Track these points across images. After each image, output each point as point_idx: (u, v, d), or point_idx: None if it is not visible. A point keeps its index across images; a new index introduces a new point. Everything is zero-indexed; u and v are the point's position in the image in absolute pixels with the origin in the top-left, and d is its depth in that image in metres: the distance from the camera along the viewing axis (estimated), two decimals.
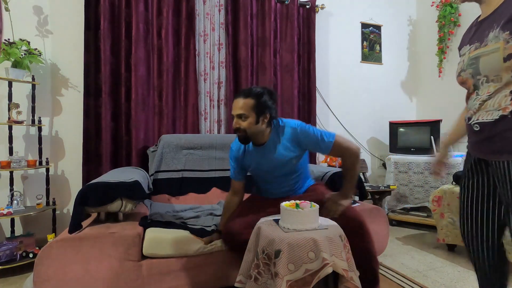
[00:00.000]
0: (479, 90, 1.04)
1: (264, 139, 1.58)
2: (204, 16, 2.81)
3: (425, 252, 2.39)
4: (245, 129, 1.51)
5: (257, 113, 1.49)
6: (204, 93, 2.79)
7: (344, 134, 3.37)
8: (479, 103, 1.03)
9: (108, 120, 2.46)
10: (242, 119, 1.50)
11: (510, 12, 0.96)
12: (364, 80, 3.54)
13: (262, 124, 1.52)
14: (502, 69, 0.95)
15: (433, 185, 2.84)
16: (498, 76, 0.97)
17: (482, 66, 1.00)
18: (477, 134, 1.06)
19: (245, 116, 1.49)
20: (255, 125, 1.51)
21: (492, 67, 0.98)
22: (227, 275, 1.64)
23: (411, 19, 3.77)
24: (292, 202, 1.42)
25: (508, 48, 0.92)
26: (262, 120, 1.52)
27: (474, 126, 1.05)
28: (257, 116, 1.50)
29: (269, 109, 1.52)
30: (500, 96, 0.97)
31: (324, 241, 1.26)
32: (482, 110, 1.02)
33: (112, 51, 2.49)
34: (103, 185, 1.55)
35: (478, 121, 1.03)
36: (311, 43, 3.12)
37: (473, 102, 1.05)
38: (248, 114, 1.49)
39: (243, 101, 1.50)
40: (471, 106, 1.07)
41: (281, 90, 3.01)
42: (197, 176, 2.39)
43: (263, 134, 1.56)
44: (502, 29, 0.96)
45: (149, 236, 1.58)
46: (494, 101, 0.99)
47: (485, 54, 0.99)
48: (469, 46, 1.10)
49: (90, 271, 1.46)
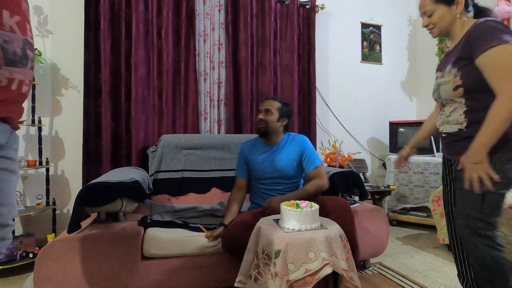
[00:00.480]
0: (445, 108, 1.37)
1: (276, 140, 1.89)
2: (204, 16, 2.81)
3: (425, 252, 2.39)
4: (267, 122, 1.82)
5: (280, 114, 1.85)
6: (204, 93, 2.79)
7: (344, 134, 3.39)
8: (445, 118, 1.36)
9: (108, 120, 2.46)
10: (268, 114, 1.83)
11: (459, 52, 1.26)
12: (364, 80, 3.54)
13: (280, 125, 1.86)
14: (453, 96, 1.29)
15: (433, 185, 2.84)
16: (452, 100, 1.31)
17: (441, 92, 1.34)
18: (444, 140, 1.40)
19: (271, 112, 1.83)
20: (276, 122, 1.84)
21: (447, 94, 1.31)
22: (227, 275, 1.64)
23: (411, 19, 3.77)
24: (292, 202, 1.42)
25: (455, 82, 1.25)
26: (282, 121, 1.86)
27: (442, 134, 1.39)
28: (279, 116, 1.84)
29: (288, 118, 1.89)
30: (457, 114, 1.30)
31: (324, 241, 1.26)
32: (446, 123, 1.35)
33: (112, 51, 2.50)
34: (103, 185, 1.55)
35: (444, 131, 1.37)
36: (311, 43, 3.12)
37: (441, 117, 1.39)
38: (274, 112, 1.84)
39: (273, 101, 1.88)
40: (439, 119, 1.40)
41: (281, 90, 3.01)
42: (197, 176, 2.39)
43: (277, 134, 1.88)
44: (453, 66, 1.27)
45: (149, 236, 1.58)
46: (453, 118, 1.31)
47: (442, 83, 1.33)
48: (437, 73, 1.42)
49: (90, 271, 1.46)
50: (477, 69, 1.19)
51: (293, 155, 1.85)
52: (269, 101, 1.88)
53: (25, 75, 0.88)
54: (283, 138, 1.89)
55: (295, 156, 1.85)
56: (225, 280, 1.65)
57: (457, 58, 1.25)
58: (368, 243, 1.98)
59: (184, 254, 1.61)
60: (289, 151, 1.85)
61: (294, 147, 1.86)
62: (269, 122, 1.82)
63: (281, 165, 1.82)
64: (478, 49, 1.16)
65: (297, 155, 1.85)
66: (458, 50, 1.27)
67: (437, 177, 2.83)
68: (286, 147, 1.86)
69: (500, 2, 2.78)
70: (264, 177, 1.85)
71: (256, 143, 1.94)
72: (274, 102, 1.86)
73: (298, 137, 1.91)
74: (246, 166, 1.92)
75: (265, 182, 1.86)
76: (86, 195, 1.50)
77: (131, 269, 1.51)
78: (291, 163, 1.84)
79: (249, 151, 1.92)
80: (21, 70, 0.86)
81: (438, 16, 1.32)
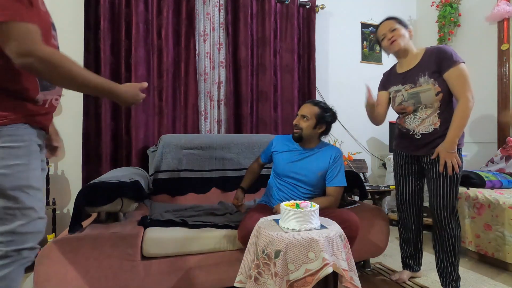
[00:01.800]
0: (418, 113, 1.69)
1: (311, 145, 1.83)
2: (204, 16, 2.81)
3: (425, 252, 2.38)
4: (302, 128, 1.76)
5: (317, 120, 1.76)
6: (204, 93, 2.79)
7: (344, 134, 3.39)
8: (420, 121, 1.68)
9: (108, 120, 2.46)
10: (304, 120, 1.77)
11: (433, 66, 1.62)
12: (364, 80, 3.53)
13: (317, 131, 1.79)
14: (434, 100, 1.63)
15: None
16: (432, 104, 1.64)
17: (423, 98, 1.65)
18: (418, 140, 1.70)
19: (307, 118, 1.76)
20: (312, 129, 1.77)
21: (429, 99, 1.64)
22: (227, 275, 1.64)
23: (411, 19, 3.77)
24: (292, 202, 1.42)
25: (436, 89, 1.62)
26: (318, 128, 1.78)
27: (416, 135, 1.70)
28: (316, 122, 1.76)
29: (327, 124, 1.80)
30: (432, 116, 1.65)
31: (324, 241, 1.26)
32: (421, 125, 1.68)
33: (112, 51, 2.50)
34: (103, 185, 1.55)
35: (420, 132, 1.69)
36: (311, 43, 3.12)
37: (413, 120, 1.71)
38: (310, 118, 1.76)
39: (311, 106, 1.79)
40: (410, 122, 1.72)
41: (281, 90, 3.01)
42: (197, 176, 2.39)
43: (313, 140, 1.82)
44: (429, 77, 1.63)
45: (149, 236, 1.58)
46: (429, 120, 1.65)
47: (422, 91, 1.65)
48: (402, 86, 1.75)
49: (90, 271, 1.46)
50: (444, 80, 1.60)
51: (321, 165, 1.78)
52: (307, 106, 1.79)
53: (55, 93, 1.10)
54: (317, 145, 1.83)
55: (323, 166, 1.78)
56: (225, 280, 1.64)
57: (432, 71, 1.62)
58: (368, 243, 1.98)
59: (184, 254, 1.61)
60: (318, 159, 1.79)
61: (325, 158, 1.79)
62: (304, 129, 1.76)
63: (306, 170, 1.78)
64: (448, 65, 1.57)
65: (325, 167, 1.78)
66: (426, 65, 1.65)
67: None
68: (317, 155, 1.80)
69: (500, 2, 2.78)
70: (285, 175, 1.82)
71: (290, 140, 1.89)
72: (312, 108, 1.77)
73: (333, 149, 1.83)
74: (269, 153, 1.94)
75: (285, 180, 1.82)
76: (86, 195, 1.50)
77: (131, 269, 1.51)
78: (316, 172, 1.78)
79: (281, 144, 1.89)
80: (52, 92, 1.07)
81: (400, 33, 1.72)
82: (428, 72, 1.63)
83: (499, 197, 2.05)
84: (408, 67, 1.75)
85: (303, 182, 1.80)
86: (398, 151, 1.88)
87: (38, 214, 1.02)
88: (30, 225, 0.99)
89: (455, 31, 3.27)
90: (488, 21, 2.94)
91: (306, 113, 1.77)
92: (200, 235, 1.65)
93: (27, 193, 0.97)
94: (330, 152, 1.81)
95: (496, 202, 2.05)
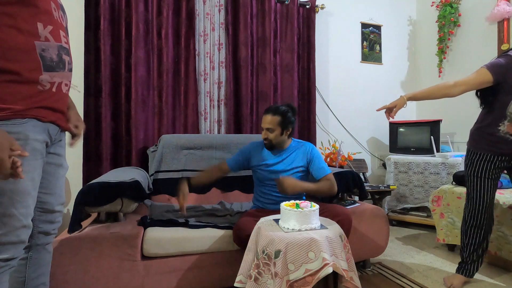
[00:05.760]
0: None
1: (284, 147, 1.89)
2: (204, 16, 2.81)
3: (425, 252, 2.39)
4: (271, 140, 1.82)
5: (282, 127, 1.81)
6: (204, 93, 2.79)
7: (344, 134, 3.39)
8: None
9: (108, 120, 2.46)
10: (270, 132, 1.81)
11: None
12: (364, 80, 3.54)
13: (285, 136, 1.84)
14: None
15: (433, 185, 2.83)
16: None
17: None
18: None
19: (272, 130, 1.80)
20: (280, 137, 1.83)
21: None
22: (227, 275, 1.64)
23: (411, 19, 3.77)
24: (292, 202, 1.43)
25: None
26: (286, 132, 1.84)
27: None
28: (281, 129, 1.81)
29: (292, 124, 1.84)
30: None
31: (324, 241, 1.26)
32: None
33: (112, 51, 2.49)
34: (103, 185, 1.55)
35: None
36: (311, 43, 3.12)
37: None
38: (274, 128, 1.80)
39: (271, 117, 1.80)
40: None
41: (281, 90, 3.01)
42: None
43: (285, 142, 1.88)
44: None
45: (149, 235, 1.58)
46: None
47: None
48: None
49: (90, 271, 1.46)
50: None
51: (299, 162, 1.86)
52: (267, 118, 1.81)
53: (63, 77, 1.01)
54: (291, 144, 1.91)
55: (301, 163, 1.86)
56: (225, 280, 1.65)
57: None
58: (368, 243, 1.98)
59: (184, 253, 1.61)
60: (297, 158, 1.87)
61: (302, 154, 1.87)
62: (273, 140, 1.82)
63: (288, 168, 1.84)
64: None
65: (303, 163, 1.86)
66: None
67: (437, 177, 2.83)
68: (294, 154, 1.88)
69: (500, 2, 2.78)
70: (268, 178, 1.86)
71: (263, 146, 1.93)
72: (273, 118, 1.79)
73: (306, 145, 1.92)
74: (242, 163, 1.93)
75: (269, 184, 1.87)
76: (86, 195, 1.50)
77: (131, 269, 1.51)
78: (298, 169, 1.86)
79: (256, 152, 1.92)
80: (59, 74, 0.99)
81: None
82: None
83: (499, 197, 2.05)
84: None
85: None
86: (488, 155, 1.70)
87: (21, 223, 0.93)
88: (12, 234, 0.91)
89: (455, 31, 3.27)
90: (488, 21, 2.94)
91: (269, 125, 1.80)
92: (200, 235, 1.65)
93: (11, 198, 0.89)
94: (304, 148, 1.89)
95: (496, 202, 2.05)
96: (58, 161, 1.11)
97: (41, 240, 1.12)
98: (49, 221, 1.12)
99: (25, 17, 0.91)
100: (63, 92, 1.03)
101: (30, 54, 0.92)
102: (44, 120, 0.97)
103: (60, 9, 1.04)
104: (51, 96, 0.98)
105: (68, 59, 1.05)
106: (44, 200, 1.08)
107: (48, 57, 0.95)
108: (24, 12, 0.91)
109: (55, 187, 1.11)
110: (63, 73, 1.01)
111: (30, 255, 1.09)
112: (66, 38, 1.06)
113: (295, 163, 1.86)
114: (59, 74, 0.99)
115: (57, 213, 1.15)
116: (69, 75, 1.06)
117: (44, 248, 1.14)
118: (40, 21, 0.95)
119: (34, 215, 1.02)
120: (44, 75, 0.94)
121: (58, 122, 1.04)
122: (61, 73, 1.00)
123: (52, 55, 0.97)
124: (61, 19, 1.05)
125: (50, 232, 1.14)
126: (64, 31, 1.05)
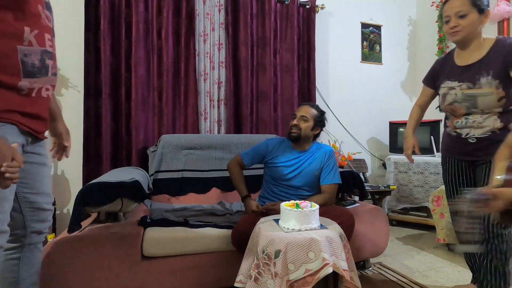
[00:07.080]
0: (470, 116, 1.45)
1: (305, 147, 1.88)
2: (204, 16, 2.81)
3: (425, 252, 2.39)
4: (302, 129, 1.80)
5: (315, 122, 1.83)
6: (204, 93, 2.79)
7: (344, 134, 3.38)
8: (477, 124, 1.43)
9: (108, 120, 2.46)
10: (304, 121, 1.81)
11: (499, 64, 1.34)
12: (364, 80, 3.54)
13: (313, 134, 1.85)
14: (496, 106, 1.38)
15: (433, 185, 2.83)
16: (491, 110, 1.40)
17: (480, 103, 1.40)
18: (471, 145, 1.46)
19: (306, 120, 1.81)
20: (309, 131, 1.83)
21: (488, 105, 1.39)
22: (227, 275, 1.64)
23: (411, 19, 3.77)
24: (292, 202, 1.43)
25: (499, 93, 1.36)
26: (315, 129, 1.85)
27: (470, 139, 1.46)
28: (314, 124, 1.83)
29: (322, 126, 1.88)
30: (492, 120, 1.40)
31: (324, 241, 1.26)
32: (477, 129, 1.43)
33: (112, 51, 2.49)
34: (103, 185, 1.55)
35: (475, 136, 1.44)
36: (311, 43, 3.12)
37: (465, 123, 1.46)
38: (309, 119, 1.81)
39: (310, 108, 1.84)
40: (462, 125, 1.48)
41: (281, 90, 3.01)
42: (197, 176, 2.39)
43: (308, 141, 1.87)
44: (493, 78, 1.34)
45: (149, 235, 1.58)
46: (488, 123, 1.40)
47: (481, 95, 1.38)
48: (458, 83, 1.46)
49: (90, 271, 1.46)
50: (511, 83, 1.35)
51: (317, 166, 1.85)
52: (306, 107, 1.84)
53: (44, 83, 0.99)
54: (311, 146, 1.89)
55: (318, 166, 1.85)
56: (225, 280, 1.64)
57: (499, 70, 1.34)
58: (368, 243, 1.98)
59: (184, 253, 1.61)
60: (315, 161, 1.85)
61: (320, 157, 1.86)
62: (303, 130, 1.80)
63: (304, 174, 1.83)
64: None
65: (319, 166, 1.85)
66: (492, 63, 1.35)
67: (437, 177, 2.83)
68: (313, 157, 1.86)
69: (500, 2, 2.78)
70: (284, 179, 1.84)
71: (284, 144, 1.91)
72: (311, 109, 1.83)
73: (326, 147, 1.91)
74: (258, 159, 1.91)
75: (283, 185, 1.86)
76: (86, 195, 1.50)
77: (131, 269, 1.51)
78: (314, 172, 1.84)
79: (276, 149, 1.89)
80: (41, 79, 0.97)
81: (470, 20, 1.36)
82: (494, 71, 1.35)
83: None
84: (469, 61, 1.44)
85: (302, 186, 1.84)
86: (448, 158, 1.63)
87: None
88: None
89: None
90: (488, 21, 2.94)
91: (305, 113, 1.81)
92: (200, 235, 1.65)
93: None
94: (323, 151, 1.88)
95: None
96: (40, 160, 1.08)
97: (34, 240, 1.13)
98: (41, 220, 1.12)
99: (11, 20, 0.88)
100: (44, 97, 1.00)
101: (11, 58, 0.89)
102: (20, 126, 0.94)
103: (45, 8, 1.00)
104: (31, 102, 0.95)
105: (51, 63, 1.01)
106: (32, 200, 1.08)
107: (29, 63, 0.92)
108: (10, 16, 0.88)
109: (41, 186, 1.10)
110: (45, 78, 0.98)
111: (23, 255, 1.10)
112: (52, 41, 1.03)
113: (313, 166, 1.84)
114: (41, 80, 0.97)
115: (48, 212, 1.15)
116: (52, 80, 1.03)
117: (36, 247, 1.15)
118: (27, 25, 0.92)
119: (26, 216, 1.03)
120: (23, 81, 0.91)
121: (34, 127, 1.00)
122: (42, 78, 0.97)
123: (34, 60, 0.94)
124: (47, 20, 1.01)
125: (42, 231, 1.14)
126: (50, 33, 1.02)
